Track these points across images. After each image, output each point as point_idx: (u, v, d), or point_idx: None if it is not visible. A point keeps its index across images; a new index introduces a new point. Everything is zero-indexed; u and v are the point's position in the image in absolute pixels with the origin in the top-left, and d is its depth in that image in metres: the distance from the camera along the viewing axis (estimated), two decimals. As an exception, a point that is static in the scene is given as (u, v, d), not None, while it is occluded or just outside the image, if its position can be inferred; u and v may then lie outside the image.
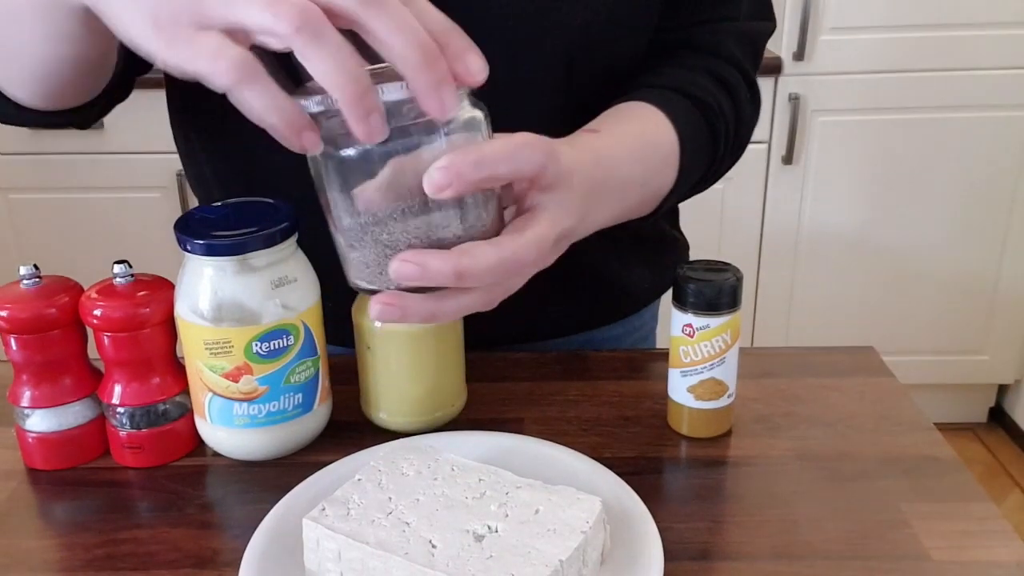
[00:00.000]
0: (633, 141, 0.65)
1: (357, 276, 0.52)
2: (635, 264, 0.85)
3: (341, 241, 0.51)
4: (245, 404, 0.63)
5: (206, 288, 0.61)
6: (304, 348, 0.64)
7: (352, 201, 0.49)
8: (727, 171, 0.78)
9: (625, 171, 0.63)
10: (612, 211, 0.62)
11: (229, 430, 0.65)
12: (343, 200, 0.50)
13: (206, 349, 0.62)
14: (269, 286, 0.62)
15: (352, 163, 0.48)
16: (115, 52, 0.65)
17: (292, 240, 0.63)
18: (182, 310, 0.62)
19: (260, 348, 0.62)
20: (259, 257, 0.61)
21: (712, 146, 0.72)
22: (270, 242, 0.61)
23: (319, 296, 0.65)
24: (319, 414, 0.68)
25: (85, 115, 0.70)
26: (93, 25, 0.52)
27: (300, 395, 0.65)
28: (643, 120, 0.68)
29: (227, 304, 0.61)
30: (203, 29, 0.44)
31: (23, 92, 0.64)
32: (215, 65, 0.43)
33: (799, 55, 1.92)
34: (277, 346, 0.62)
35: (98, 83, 0.67)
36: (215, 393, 0.63)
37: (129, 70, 0.69)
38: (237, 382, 0.63)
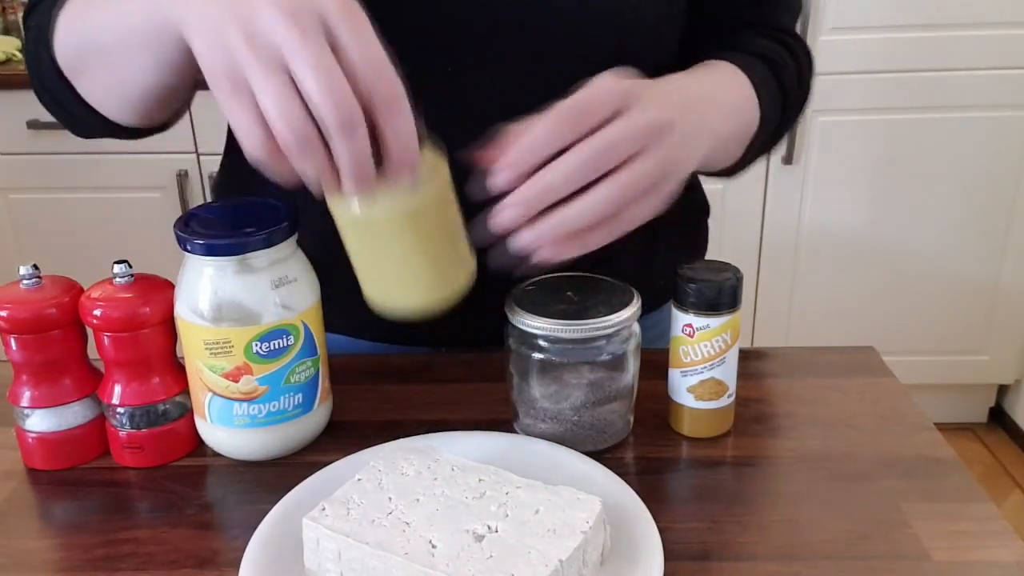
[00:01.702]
0: (714, 77, 0.68)
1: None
2: (657, 261, 0.84)
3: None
4: (245, 404, 0.63)
5: (206, 288, 0.61)
6: (304, 348, 0.64)
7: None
8: (796, 119, 0.81)
9: (716, 94, 0.66)
10: (720, 118, 0.64)
11: (229, 430, 0.65)
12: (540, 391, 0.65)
13: (206, 349, 0.62)
14: (269, 286, 0.62)
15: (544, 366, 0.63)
16: None
17: (292, 240, 0.63)
18: (182, 310, 0.62)
19: (260, 348, 0.62)
20: (259, 257, 0.61)
21: (780, 92, 0.75)
22: (270, 242, 0.61)
23: (319, 296, 0.65)
24: (319, 414, 0.68)
25: (167, 125, 0.73)
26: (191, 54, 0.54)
27: (300, 395, 0.65)
28: (716, 68, 0.70)
29: (227, 304, 0.61)
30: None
31: (121, 115, 0.67)
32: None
33: (799, 55, 1.92)
34: (277, 346, 0.62)
35: (189, 102, 0.70)
36: (215, 393, 0.63)
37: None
38: (237, 382, 0.63)
